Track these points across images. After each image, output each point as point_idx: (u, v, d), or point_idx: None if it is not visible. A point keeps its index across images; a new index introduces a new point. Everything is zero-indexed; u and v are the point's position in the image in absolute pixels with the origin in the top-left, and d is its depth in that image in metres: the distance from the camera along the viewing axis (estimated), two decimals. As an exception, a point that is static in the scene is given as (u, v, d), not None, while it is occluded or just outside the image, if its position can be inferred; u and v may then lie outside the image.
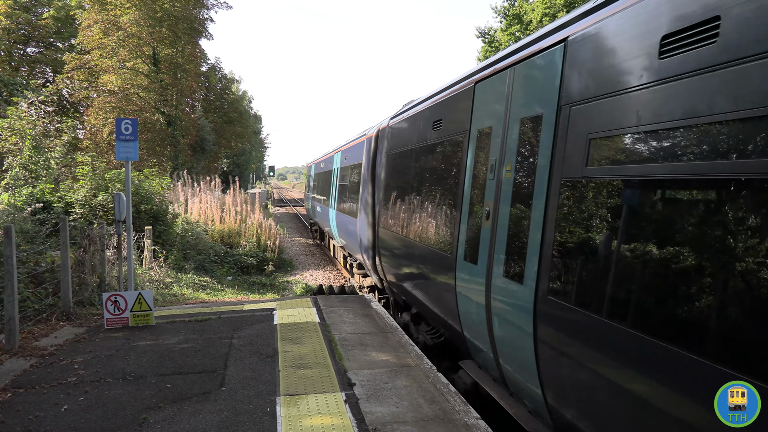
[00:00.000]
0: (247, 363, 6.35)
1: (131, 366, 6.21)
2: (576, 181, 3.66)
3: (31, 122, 13.98)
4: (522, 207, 4.35)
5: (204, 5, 31.72)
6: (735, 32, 2.48)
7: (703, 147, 2.67)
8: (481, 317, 5.08)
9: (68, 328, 7.74)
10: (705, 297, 2.63)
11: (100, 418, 4.86)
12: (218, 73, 39.67)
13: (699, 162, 2.68)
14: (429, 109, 7.34)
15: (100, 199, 12.28)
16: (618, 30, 3.40)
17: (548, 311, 3.88)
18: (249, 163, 63.97)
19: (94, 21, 27.03)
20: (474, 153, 5.46)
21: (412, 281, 7.92)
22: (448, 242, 6.03)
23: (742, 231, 2.45)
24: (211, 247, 15.98)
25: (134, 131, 8.06)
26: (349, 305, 9.58)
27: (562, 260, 3.79)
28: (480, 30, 33.41)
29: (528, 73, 4.53)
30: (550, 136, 3.97)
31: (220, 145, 40.43)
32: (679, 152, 2.81)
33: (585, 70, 3.71)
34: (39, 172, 13.33)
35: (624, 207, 3.24)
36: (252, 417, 4.90)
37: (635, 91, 3.14)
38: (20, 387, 5.54)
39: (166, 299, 10.72)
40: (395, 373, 6.10)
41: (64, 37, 32.83)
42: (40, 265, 8.87)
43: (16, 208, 10.81)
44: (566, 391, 3.82)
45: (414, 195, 7.61)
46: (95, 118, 27.02)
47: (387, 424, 4.79)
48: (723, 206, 2.60)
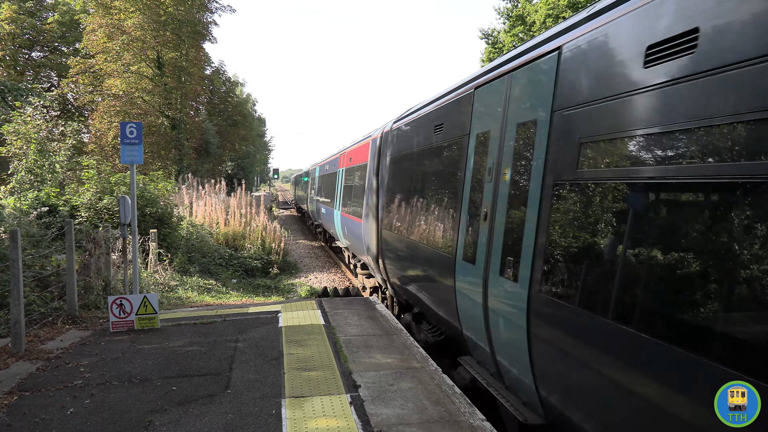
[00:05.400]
0: (252, 365, 6.36)
1: (137, 369, 6.22)
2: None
3: (36, 126, 14.04)
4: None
5: (208, 9, 31.81)
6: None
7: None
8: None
9: (74, 332, 7.77)
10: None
11: (106, 420, 4.87)
12: (222, 76, 39.82)
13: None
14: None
15: (106, 202, 12.32)
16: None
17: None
18: (253, 165, 64.09)
19: (98, 25, 27.13)
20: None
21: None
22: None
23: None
24: (215, 250, 15.99)
25: (139, 135, 8.08)
26: (354, 307, 9.58)
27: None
28: (483, 31, 33.35)
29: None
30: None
31: (224, 147, 40.50)
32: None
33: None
34: (44, 175, 13.38)
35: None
36: (257, 419, 4.90)
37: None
38: (26, 390, 5.56)
39: (171, 302, 10.74)
40: (400, 374, 6.09)
41: (68, 41, 33.01)
42: (45, 268, 8.91)
43: (22, 211, 10.86)
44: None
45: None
46: (100, 122, 27.12)
47: (392, 426, 4.78)
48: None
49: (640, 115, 3.09)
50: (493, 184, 4.96)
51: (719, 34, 2.58)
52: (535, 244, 4.06)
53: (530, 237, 4.15)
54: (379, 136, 10.90)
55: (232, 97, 43.67)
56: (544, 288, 3.94)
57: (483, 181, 5.22)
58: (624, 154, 3.25)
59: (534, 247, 4.07)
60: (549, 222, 3.93)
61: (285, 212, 48.07)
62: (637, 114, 3.11)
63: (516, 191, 4.53)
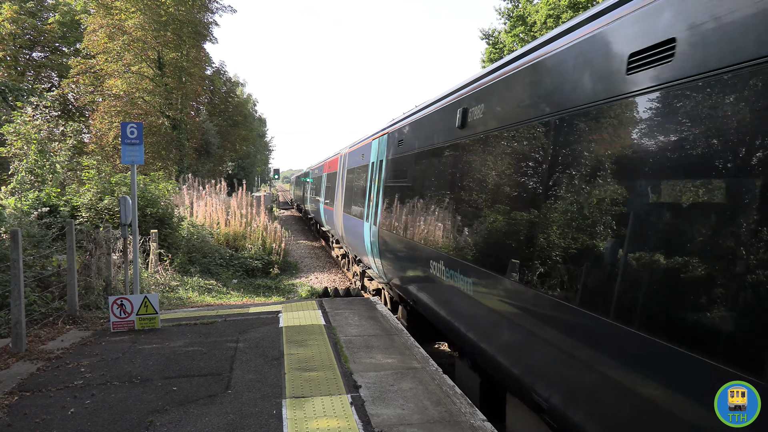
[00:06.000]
0: (252, 366, 6.36)
1: (137, 369, 6.22)
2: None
3: (36, 127, 14.04)
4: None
5: (208, 9, 31.79)
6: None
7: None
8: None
9: (74, 332, 7.77)
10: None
11: (106, 421, 4.87)
12: (223, 77, 39.77)
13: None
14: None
15: (106, 202, 12.31)
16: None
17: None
18: (254, 166, 64.07)
19: (99, 25, 27.11)
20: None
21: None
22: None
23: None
24: (216, 250, 15.98)
25: (139, 135, 8.08)
26: (355, 308, 9.58)
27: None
28: (484, 32, 33.30)
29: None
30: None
31: (225, 148, 40.44)
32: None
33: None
34: (45, 176, 13.38)
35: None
36: (258, 420, 4.90)
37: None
38: (27, 390, 5.56)
39: (172, 302, 10.75)
40: (401, 375, 6.09)
41: (69, 41, 32.98)
42: (46, 268, 8.90)
43: (23, 212, 10.86)
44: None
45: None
46: (101, 122, 27.09)
47: (393, 426, 4.77)
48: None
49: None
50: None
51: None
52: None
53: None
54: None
55: (232, 97, 43.61)
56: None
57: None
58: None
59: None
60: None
61: (285, 212, 48.06)
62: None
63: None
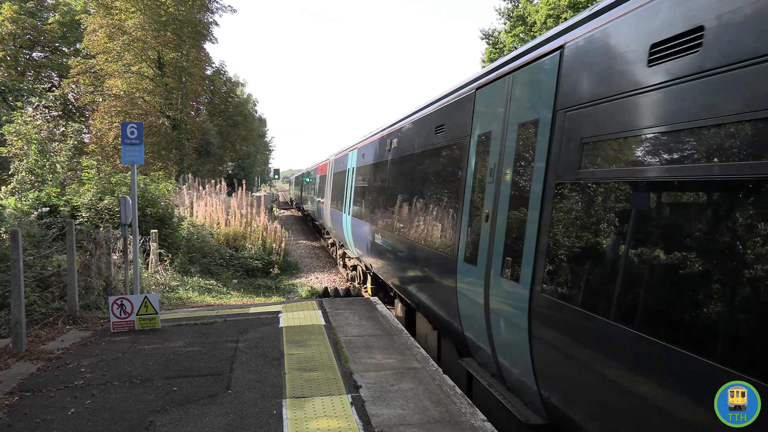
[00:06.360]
0: (253, 366, 6.36)
1: (137, 369, 6.22)
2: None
3: (37, 127, 14.04)
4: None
5: (208, 9, 31.80)
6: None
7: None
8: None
9: (75, 332, 7.77)
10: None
11: (107, 421, 4.87)
12: (223, 77, 39.74)
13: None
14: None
15: (106, 202, 12.31)
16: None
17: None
18: (254, 166, 64.06)
19: (99, 25, 27.12)
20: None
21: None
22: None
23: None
24: (216, 250, 15.99)
25: (140, 135, 8.08)
26: (355, 308, 9.58)
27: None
28: (484, 32, 33.31)
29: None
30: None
31: (225, 148, 40.43)
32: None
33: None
34: (45, 176, 13.38)
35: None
36: (258, 420, 4.90)
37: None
38: (27, 390, 5.56)
39: (172, 302, 10.75)
40: (401, 375, 6.09)
41: (69, 41, 32.98)
42: (46, 268, 8.90)
43: (23, 212, 10.86)
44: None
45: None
46: (101, 122, 27.10)
47: (393, 426, 4.77)
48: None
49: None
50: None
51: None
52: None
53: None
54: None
55: (232, 97, 43.59)
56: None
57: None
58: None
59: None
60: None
61: (285, 212, 48.05)
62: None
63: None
